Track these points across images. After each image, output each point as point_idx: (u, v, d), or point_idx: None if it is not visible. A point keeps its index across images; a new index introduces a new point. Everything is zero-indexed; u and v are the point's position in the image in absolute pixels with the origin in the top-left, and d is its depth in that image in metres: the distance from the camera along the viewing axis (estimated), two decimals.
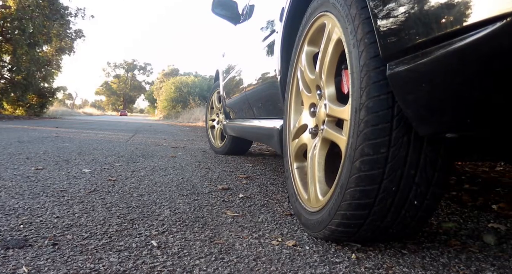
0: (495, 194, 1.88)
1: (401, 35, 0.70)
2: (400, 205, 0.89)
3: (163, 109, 28.29)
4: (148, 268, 0.86)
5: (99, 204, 1.39)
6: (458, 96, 0.65)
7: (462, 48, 0.57)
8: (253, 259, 0.93)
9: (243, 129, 2.37)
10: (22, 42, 13.59)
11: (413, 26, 0.66)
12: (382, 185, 0.85)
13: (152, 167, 2.37)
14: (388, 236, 1.00)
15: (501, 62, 0.54)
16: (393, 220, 0.92)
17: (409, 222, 0.94)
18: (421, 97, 0.71)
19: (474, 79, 0.60)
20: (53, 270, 0.82)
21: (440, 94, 0.67)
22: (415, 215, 0.92)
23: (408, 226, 0.96)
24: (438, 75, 0.65)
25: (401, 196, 0.88)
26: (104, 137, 5.00)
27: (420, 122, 0.76)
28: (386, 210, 0.89)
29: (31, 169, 2.08)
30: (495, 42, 0.53)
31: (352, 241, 1.06)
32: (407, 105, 0.76)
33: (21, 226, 1.10)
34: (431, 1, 0.62)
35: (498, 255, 1.04)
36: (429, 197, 0.90)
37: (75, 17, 17.70)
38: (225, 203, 1.50)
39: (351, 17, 0.90)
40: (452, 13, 0.58)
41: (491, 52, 0.54)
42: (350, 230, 0.93)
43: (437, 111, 0.71)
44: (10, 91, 14.36)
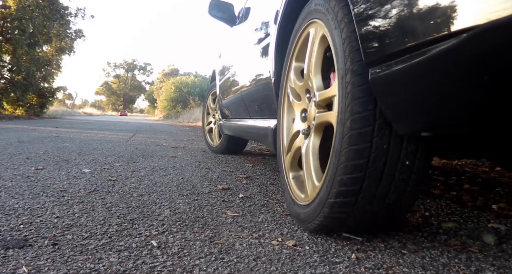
0: (495, 194, 1.88)
1: (381, 44, 0.79)
2: (385, 193, 0.97)
3: (163, 109, 28.29)
4: (148, 268, 0.86)
5: (99, 204, 1.39)
6: (429, 100, 0.74)
7: (430, 58, 0.66)
8: (253, 259, 0.93)
9: (239, 128, 2.42)
10: (22, 42, 13.59)
11: (390, 37, 0.75)
12: (366, 172, 0.93)
13: (152, 167, 2.37)
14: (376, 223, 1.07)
15: (461, 70, 0.64)
16: (379, 206, 0.99)
17: (393, 210, 1.01)
18: (398, 100, 0.81)
19: (441, 85, 0.69)
20: (53, 270, 0.82)
21: (414, 98, 0.77)
22: (401, 200, 0.99)
23: (392, 215, 1.03)
24: (411, 81, 0.74)
25: (385, 184, 0.95)
26: (104, 137, 5.00)
27: (398, 122, 0.85)
28: (369, 197, 0.96)
29: (31, 169, 2.08)
30: (455, 53, 0.62)
31: (343, 230, 1.13)
32: (387, 107, 0.85)
33: (21, 226, 1.10)
34: (403, 18, 0.71)
35: (498, 255, 1.04)
36: (410, 185, 0.97)
37: (75, 17, 17.70)
38: (225, 203, 1.50)
39: (339, 26, 0.99)
40: (421, 28, 0.67)
41: (453, 61, 0.64)
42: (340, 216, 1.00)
43: (412, 113, 0.81)
44: (10, 91, 14.36)
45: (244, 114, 2.41)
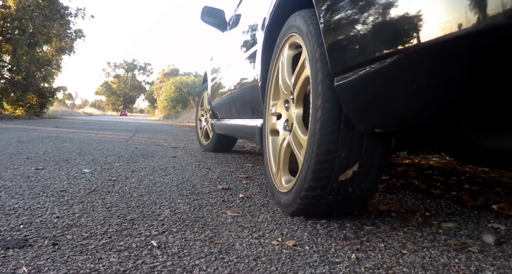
0: (495, 194, 1.88)
1: (342, 59, 0.99)
2: (348, 184, 1.14)
3: (163, 109, 28.29)
4: (148, 268, 0.86)
5: (99, 204, 1.39)
6: (377, 105, 0.94)
7: (375, 72, 0.86)
8: (253, 259, 0.93)
9: (229, 127, 2.57)
10: (22, 42, 13.59)
11: (349, 53, 0.96)
12: (335, 164, 1.11)
13: (152, 167, 2.37)
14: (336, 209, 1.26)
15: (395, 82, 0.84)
16: (343, 196, 1.16)
17: (355, 199, 1.20)
18: (355, 104, 1.01)
19: (384, 93, 0.89)
20: (53, 270, 0.82)
21: (367, 103, 0.97)
22: (363, 189, 1.17)
23: (355, 202, 1.23)
24: (364, 89, 0.94)
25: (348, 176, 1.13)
26: (104, 137, 5.01)
27: (357, 121, 1.05)
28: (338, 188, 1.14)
29: (31, 169, 2.08)
30: (391, 69, 0.81)
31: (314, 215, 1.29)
32: (348, 109, 1.05)
33: (21, 226, 1.10)
34: (357, 39, 0.91)
35: (498, 255, 1.04)
36: (370, 176, 1.15)
37: (75, 17, 17.70)
38: (225, 203, 1.50)
39: (311, 41, 1.19)
40: (368, 48, 0.87)
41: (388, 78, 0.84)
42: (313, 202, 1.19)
43: (366, 114, 1.01)
44: (10, 91, 14.36)
45: (233, 115, 2.54)
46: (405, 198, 1.74)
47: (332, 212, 1.27)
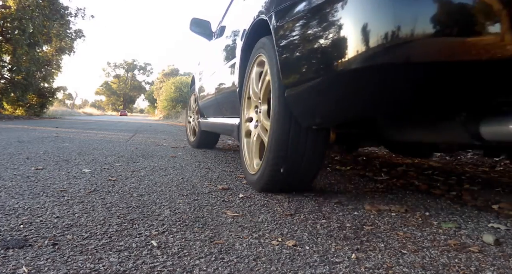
0: (495, 194, 1.88)
1: (289, 76, 1.38)
2: (301, 165, 1.54)
3: (163, 109, 28.29)
4: (148, 268, 0.86)
5: (99, 204, 1.39)
6: (311, 110, 1.34)
7: (308, 87, 1.26)
8: (253, 259, 0.94)
9: (213, 125, 2.97)
10: (22, 42, 13.58)
11: (293, 74, 1.36)
12: (287, 151, 1.49)
13: (152, 167, 2.37)
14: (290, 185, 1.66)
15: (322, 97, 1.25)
16: (294, 174, 1.57)
17: (304, 174, 1.60)
18: (299, 108, 1.41)
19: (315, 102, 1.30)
20: (53, 270, 0.82)
21: (305, 108, 1.37)
22: (308, 169, 1.57)
23: (303, 182, 1.66)
24: (301, 99, 1.35)
25: (296, 159, 1.52)
26: (104, 137, 5.01)
27: (301, 120, 1.45)
28: (291, 168, 1.53)
29: (31, 169, 2.08)
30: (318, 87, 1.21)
31: (275, 191, 1.68)
32: (294, 111, 1.44)
33: (21, 226, 1.10)
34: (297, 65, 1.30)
35: (498, 255, 1.04)
36: (313, 162, 1.55)
37: (75, 17, 17.68)
38: (225, 203, 1.50)
39: (271, 60, 1.59)
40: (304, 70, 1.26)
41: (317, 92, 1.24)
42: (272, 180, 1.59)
43: (305, 116, 1.41)
44: (10, 91, 14.35)
45: (217, 114, 2.92)
46: (405, 198, 1.74)
47: (286, 188, 1.67)
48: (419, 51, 0.93)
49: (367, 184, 2.05)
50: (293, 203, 1.52)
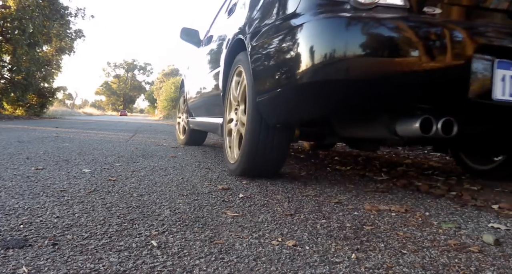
0: (495, 194, 1.88)
1: (259, 85, 1.75)
2: (269, 156, 1.90)
3: (163, 109, 28.27)
4: (148, 268, 0.86)
5: (99, 204, 1.39)
6: (274, 112, 1.71)
7: (271, 96, 1.65)
8: (253, 259, 0.94)
9: (200, 123, 3.30)
10: (22, 42, 13.58)
11: (261, 84, 1.73)
12: (259, 144, 1.85)
13: (152, 167, 2.37)
14: (260, 173, 2.02)
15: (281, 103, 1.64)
16: (264, 162, 1.94)
17: (272, 163, 1.97)
18: (266, 111, 1.76)
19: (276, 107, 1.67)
20: (53, 270, 0.82)
21: (269, 111, 1.73)
22: (275, 159, 1.94)
23: (271, 169, 2.02)
24: (268, 103, 1.70)
25: (265, 150, 1.87)
26: (104, 137, 5.01)
27: (268, 120, 1.80)
28: (260, 156, 1.88)
29: (31, 169, 2.08)
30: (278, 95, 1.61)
31: (249, 176, 2.05)
32: (263, 113, 1.80)
33: (21, 226, 1.10)
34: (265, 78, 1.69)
35: (498, 255, 1.04)
36: (277, 153, 1.91)
37: (75, 17, 17.67)
38: (225, 203, 1.50)
39: (247, 72, 1.93)
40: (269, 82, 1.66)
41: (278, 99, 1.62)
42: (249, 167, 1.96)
43: (270, 117, 1.77)
44: (10, 91, 14.34)
45: (204, 114, 3.23)
46: (405, 198, 1.74)
47: (258, 174, 2.03)
48: (351, 69, 1.30)
49: (367, 184, 2.05)
50: (293, 203, 1.52)
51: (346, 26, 1.32)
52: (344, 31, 1.31)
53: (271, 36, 1.65)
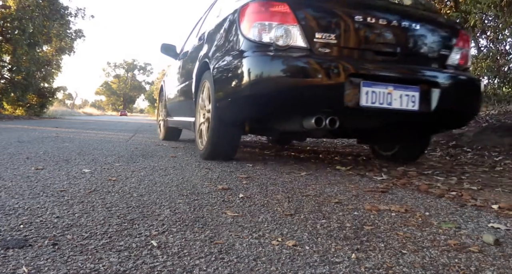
0: (495, 194, 1.88)
1: (217, 96, 2.43)
2: (226, 142, 2.59)
3: None
4: (148, 268, 0.86)
5: (99, 204, 1.39)
6: (227, 114, 2.46)
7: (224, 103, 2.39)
8: (253, 259, 0.94)
9: (177, 122, 4.06)
10: (22, 42, 13.57)
11: (218, 94, 2.43)
12: (219, 138, 2.54)
13: (152, 167, 2.37)
14: (220, 157, 2.68)
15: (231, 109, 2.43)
16: (222, 151, 2.64)
17: (228, 150, 2.65)
18: (222, 113, 2.45)
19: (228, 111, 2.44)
20: (53, 270, 0.82)
21: (225, 112, 2.44)
22: (230, 147, 2.64)
23: (229, 154, 2.68)
24: (223, 108, 2.41)
25: (223, 141, 2.57)
26: (104, 137, 5.00)
27: (225, 119, 2.47)
28: (219, 145, 2.58)
29: (31, 169, 2.08)
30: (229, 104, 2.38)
31: (212, 159, 2.70)
32: (220, 114, 2.46)
33: (21, 226, 1.10)
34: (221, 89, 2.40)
35: (498, 255, 1.04)
36: (234, 140, 2.61)
37: (75, 17, 17.65)
38: (225, 203, 1.50)
39: (210, 85, 2.57)
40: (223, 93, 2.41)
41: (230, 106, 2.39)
42: (215, 151, 2.62)
43: (225, 117, 2.47)
44: (10, 91, 14.33)
45: (180, 114, 3.86)
46: (405, 198, 1.74)
47: (218, 158, 2.70)
48: (274, 86, 2.08)
49: (367, 184, 2.05)
50: (293, 203, 1.52)
51: (271, 60, 2.08)
52: (270, 62, 2.09)
53: (225, 63, 2.36)
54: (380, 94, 2.15)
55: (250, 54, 2.13)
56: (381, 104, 2.15)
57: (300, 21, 2.10)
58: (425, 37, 2.36)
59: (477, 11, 5.64)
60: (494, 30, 6.08)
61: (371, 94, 2.13)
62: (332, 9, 2.20)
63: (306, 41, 2.11)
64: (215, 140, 2.54)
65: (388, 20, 2.23)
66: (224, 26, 2.56)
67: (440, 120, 2.41)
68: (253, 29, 2.15)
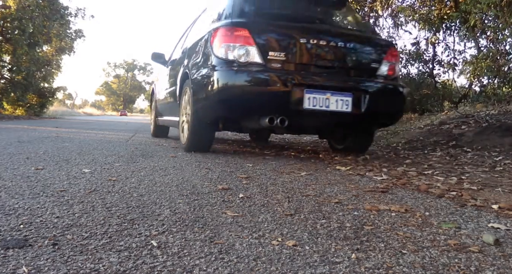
0: (495, 194, 1.88)
1: (197, 98, 2.97)
2: (203, 137, 3.16)
3: None
4: (148, 268, 0.86)
5: (99, 204, 1.39)
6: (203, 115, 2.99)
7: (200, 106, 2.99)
8: (253, 259, 0.94)
9: (165, 121, 4.62)
10: (22, 42, 13.56)
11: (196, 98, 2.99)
12: (197, 135, 3.13)
13: (152, 167, 2.37)
14: (198, 149, 3.25)
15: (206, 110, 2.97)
16: (199, 145, 3.22)
17: (205, 143, 3.22)
18: (200, 113, 3.00)
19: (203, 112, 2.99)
20: (53, 270, 0.82)
21: (201, 113, 2.99)
22: (207, 141, 3.22)
23: (205, 145, 3.24)
24: (200, 109, 2.98)
25: (201, 136, 3.15)
26: (104, 137, 5.01)
27: (202, 119, 3.02)
28: (197, 140, 3.16)
29: (31, 169, 2.08)
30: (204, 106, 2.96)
31: (191, 151, 3.22)
32: (198, 114, 3.02)
33: (21, 226, 1.10)
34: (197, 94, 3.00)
35: (498, 255, 1.04)
36: (209, 135, 3.21)
37: (75, 17, 17.65)
38: (225, 203, 1.50)
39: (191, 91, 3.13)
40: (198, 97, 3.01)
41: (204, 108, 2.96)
42: (193, 145, 3.21)
43: (202, 116, 3.01)
44: (10, 91, 14.33)
45: (168, 114, 4.42)
46: (405, 198, 1.74)
47: (196, 150, 3.21)
48: (238, 93, 2.65)
49: (367, 184, 2.05)
50: (293, 203, 1.52)
51: (235, 73, 2.65)
52: (234, 75, 2.65)
53: (201, 74, 2.91)
54: (320, 99, 2.70)
55: (219, 68, 2.68)
56: (321, 107, 2.70)
57: (257, 42, 2.66)
58: (358, 53, 2.92)
59: (477, 11, 5.63)
60: (494, 30, 6.07)
61: (312, 99, 2.68)
62: (283, 33, 2.79)
63: (262, 59, 2.67)
64: (193, 136, 3.10)
65: (328, 40, 2.79)
66: (200, 44, 3.13)
67: (370, 120, 3.01)
68: (221, 49, 2.71)
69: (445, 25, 8.30)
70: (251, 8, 3.03)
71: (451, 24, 8.32)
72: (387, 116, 3.11)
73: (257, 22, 2.85)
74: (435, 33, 8.35)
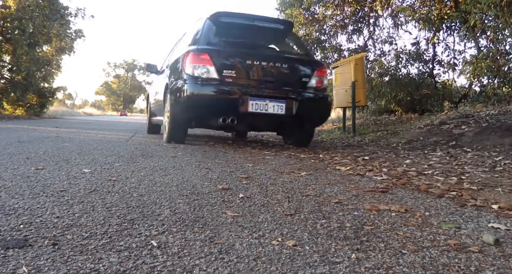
0: (495, 194, 1.88)
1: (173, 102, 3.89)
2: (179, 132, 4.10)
3: None
4: (148, 268, 0.86)
5: (99, 204, 1.39)
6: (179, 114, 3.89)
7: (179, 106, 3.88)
8: (253, 259, 0.94)
9: (157, 120, 5.45)
10: (22, 42, 13.55)
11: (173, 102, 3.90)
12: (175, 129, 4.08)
13: (152, 167, 2.37)
14: (175, 141, 4.14)
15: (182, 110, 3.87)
16: (176, 138, 4.12)
17: (180, 137, 4.13)
18: (177, 113, 3.90)
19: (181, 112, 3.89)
20: (53, 270, 0.82)
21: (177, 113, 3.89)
22: (181, 135, 4.13)
23: (180, 138, 4.13)
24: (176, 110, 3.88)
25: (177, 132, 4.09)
26: (104, 137, 5.01)
27: (178, 118, 3.95)
28: (174, 134, 4.10)
29: (31, 169, 2.08)
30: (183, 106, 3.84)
31: (170, 142, 4.12)
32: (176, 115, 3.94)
33: (21, 226, 1.10)
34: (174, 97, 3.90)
35: (498, 255, 1.04)
36: (184, 131, 4.14)
37: (75, 17, 17.63)
38: (225, 203, 1.50)
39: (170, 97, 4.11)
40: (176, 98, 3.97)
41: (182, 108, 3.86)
42: (172, 137, 4.12)
43: (178, 116, 3.92)
44: (10, 91, 14.32)
45: (159, 115, 5.07)
46: (405, 198, 1.74)
47: (174, 142, 4.08)
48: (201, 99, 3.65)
49: (367, 184, 2.05)
50: (293, 203, 1.52)
51: (201, 86, 3.58)
52: (200, 87, 3.58)
53: (176, 85, 3.79)
54: (261, 104, 3.64)
55: (188, 82, 3.63)
56: (261, 110, 3.64)
57: (214, 63, 3.63)
58: (292, 71, 3.90)
59: (477, 11, 5.63)
60: (494, 30, 6.07)
61: (255, 104, 3.62)
62: (234, 56, 3.77)
63: (218, 75, 3.63)
64: (172, 130, 4.03)
65: (268, 61, 3.76)
66: (178, 61, 4.08)
67: (301, 120, 3.95)
68: (189, 68, 3.67)
69: (445, 25, 8.30)
70: (215, 37, 4.02)
71: (451, 24, 8.33)
72: (315, 118, 4.12)
73: (215, 49, 3.76)
74: (435, 33, 8.35)
